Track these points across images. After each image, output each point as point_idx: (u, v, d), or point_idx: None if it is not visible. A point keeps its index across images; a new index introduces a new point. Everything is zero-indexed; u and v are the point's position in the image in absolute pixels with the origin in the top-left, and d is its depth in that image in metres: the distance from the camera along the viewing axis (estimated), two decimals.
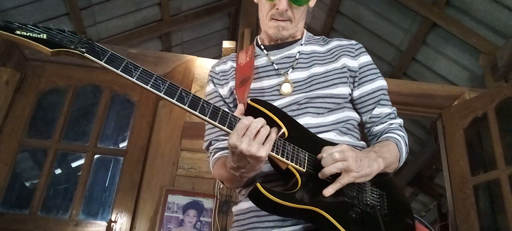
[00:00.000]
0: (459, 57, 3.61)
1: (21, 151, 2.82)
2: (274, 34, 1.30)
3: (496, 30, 3.23)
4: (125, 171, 2.68)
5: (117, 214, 2.55)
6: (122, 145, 3.14)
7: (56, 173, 3.75)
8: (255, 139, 0.97)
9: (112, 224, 2.52)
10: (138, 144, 2.76)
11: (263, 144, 0.97)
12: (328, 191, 1.02)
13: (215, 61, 1.48)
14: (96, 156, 2.80)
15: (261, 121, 0.99)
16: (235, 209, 1.25)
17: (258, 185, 0.97)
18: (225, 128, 1.01)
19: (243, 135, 0.97)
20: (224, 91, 1.32)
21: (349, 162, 1.02)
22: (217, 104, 1.34)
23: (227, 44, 3.46)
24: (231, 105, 1.31)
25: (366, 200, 1.09)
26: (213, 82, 1.36)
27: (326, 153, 1.03)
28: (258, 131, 0.97)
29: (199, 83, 2.96)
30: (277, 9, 1.26)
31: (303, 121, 1.17)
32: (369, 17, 4.04)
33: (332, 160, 1.01)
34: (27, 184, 4.03)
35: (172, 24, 4.59)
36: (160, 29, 4.53)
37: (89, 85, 3.01)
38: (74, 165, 4.16)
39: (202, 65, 3.03)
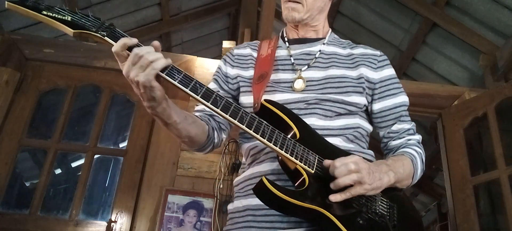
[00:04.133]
0: (459, 57, 3.61)
1: (21, 151, 2.81)
2: (285, 15, 1.29)
3: (496, 30, 3.23)
4: (125, 171, 2.68)
5: (117, 214, 2.55)
6: (122, 145, 3.14)
7: (56, 173, 3.75)
8: (135, 65, 0.95)
9: (112, 224, 2.52)
10: (138, 144, 2.76)
11: (144, 70, 0.95)
12: (336, 198, 0.99)
13: (215, 61, 1.47)
14: (96, 156, 2.80)
15: (147, 48, 0.96)
16: (230, 207, 1.25)
17: (264, 179, 0.95)
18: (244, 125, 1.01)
19: (131, 62, 0.95)
20: (232, 71, 1.32)
21: (363, 174, 0.99)
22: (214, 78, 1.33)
23: (227, 44, 3.45)
24: (232, 87, 1.30)
25: (375, 209, 1.06)
26: (225, 61, 1.36)
27: (340, 162, 1.00)
28: (141, 57, 0.95)
29: None
30: None
31: (309, 121, 1.15)
32: (369, 17, 4.04)
33: (347, 170, 0.98)
34: (27, 184, 4.03)
35: (172, 24, 4.59)
36: (160, 29, 4.53)
37: (89, 85, 3.00)
38: (74, 165, 4.16)
39: (202, 65, 3.02)
